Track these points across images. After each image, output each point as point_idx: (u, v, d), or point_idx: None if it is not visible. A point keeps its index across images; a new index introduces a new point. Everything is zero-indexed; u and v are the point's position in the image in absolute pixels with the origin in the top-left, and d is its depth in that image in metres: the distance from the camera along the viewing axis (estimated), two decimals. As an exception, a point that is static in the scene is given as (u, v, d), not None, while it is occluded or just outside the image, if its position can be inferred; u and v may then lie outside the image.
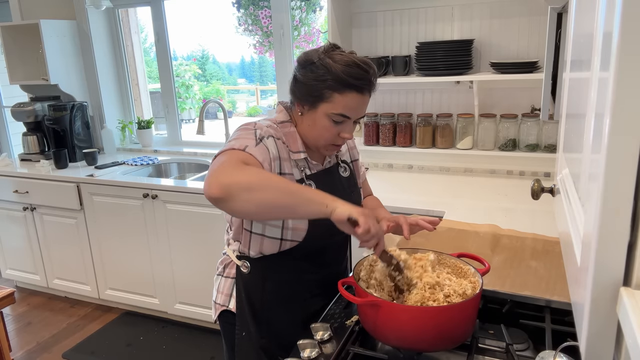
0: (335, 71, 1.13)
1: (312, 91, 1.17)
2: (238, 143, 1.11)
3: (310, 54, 1.20)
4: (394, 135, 2.60)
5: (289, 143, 1.23)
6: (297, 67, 1.22)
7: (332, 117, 1.17)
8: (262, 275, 1.27)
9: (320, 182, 1.26)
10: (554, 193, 0.91)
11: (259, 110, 8.71)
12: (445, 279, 1.12)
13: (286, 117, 1.27)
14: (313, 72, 1.16)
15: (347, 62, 1.14)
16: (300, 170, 1.24)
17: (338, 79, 1.13)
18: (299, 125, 1.25)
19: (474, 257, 1.23)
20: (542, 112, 1.52)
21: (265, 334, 1.28)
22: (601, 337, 0.51)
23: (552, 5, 1.36)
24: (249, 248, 1.26)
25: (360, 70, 1.14)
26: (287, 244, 1.24)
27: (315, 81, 1.15)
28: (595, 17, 0.57)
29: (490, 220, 1.87)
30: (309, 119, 1.21)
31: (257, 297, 1.28)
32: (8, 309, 3.19)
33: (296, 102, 1.23)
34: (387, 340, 1.08)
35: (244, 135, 1.15)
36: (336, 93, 1.14)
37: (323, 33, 3.99)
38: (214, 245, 2.62)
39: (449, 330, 1.02)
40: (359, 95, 1.16)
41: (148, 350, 2.74)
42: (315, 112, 1.18)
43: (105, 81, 3.53)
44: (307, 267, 1.29)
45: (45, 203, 3.08)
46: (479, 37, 2.40)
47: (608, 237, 0.47)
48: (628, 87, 0.43)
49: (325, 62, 1.15)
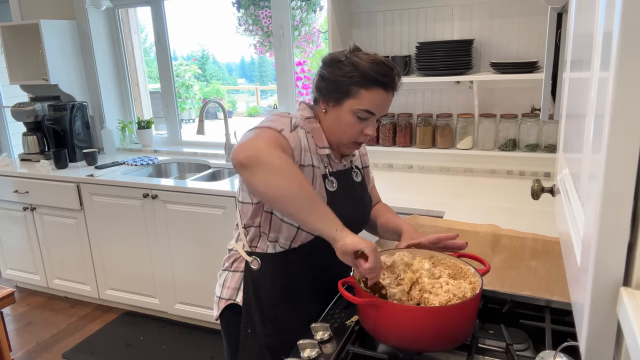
0: (363, 68, 1.18)
1: (339, 87, 1.20)
2: (275, 124, 1.15)
3: (336, 54, 1.25)
4: (394, 135, 2.60)
5: (316, 138, 1.26)
6: (322, 66, 1.26)
7: (358, 113, 1.21)
8: (272, 272, 1.27)
9: (340, 180, 1.29)
10: (554, 193, 0.91)
11: (259, 110, 8.71)
12: (443, 283, 1.11)
13: (311, 114, 1.29)
14: (340, 69, 1.20)
15: (374, 60, 1.19)
16: (324, 166, 1.27)
17: (365, 75, 1.18)
18: (322, 122, 1.28)
19: (474, 257, 1.23)
20: (542, 112, 1.52)
21: (271, 331, 1.28)
22: (601, 337, 0.51)
23: (552, 5, 1.36)
24: (269, 230, 1.25)
25: (386, 68, 1.20)
26: (303, 235, 1.24)
27: (343, 77, 1.19)
28: (595, 17, 0.57)
29: (490, 220, 1.87)
30: (334, 116, 1.24)
31: (266, 294, 1.28)
32: (8, 309, 3.19)
33: (321, 99, 1.26)
34: (387, 340, 1.08)
35: (280, 120, 1.19)
36: (363, 89, 1.19)
37: (323, 33, 3.99)
38: (214, 245, 2.62)
39: (449, 330, 1.02)
40: (384, 92, 1.21)
41: (148, 350, 2.74)
42: (341, 108, 1.22)
43: (105, 81, 3.53)
44: (317, 267, 1.29)
45: (45, 203, 3.08)
46: (479, 37, 2.40)
47: (608, 237, 0.47)
48: (628, 87, 0.43)
49: (353, 60, 1.19)
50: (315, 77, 1.28)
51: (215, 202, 2.55)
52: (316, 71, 1.29)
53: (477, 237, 1.71)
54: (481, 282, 1.09)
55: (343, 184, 1.30)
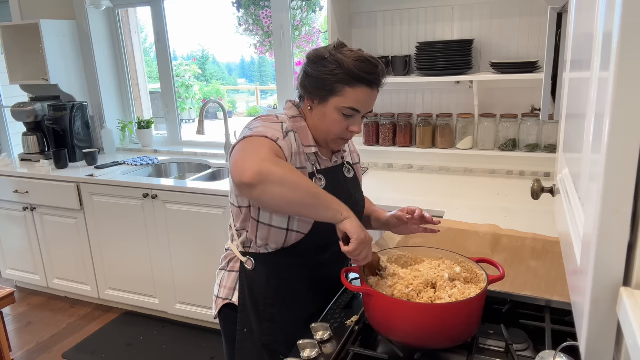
0: (347, 66, 1.17)
1: (323, 85, 1.20)
2: (270, 132, 1.13)
3: (321, 50, 1.23)
4: (394, 135, 2.60)
5: (302, 137, 1.25)
6: (307, 62, 1.25)
7: (343, 110, 1.20)
8: (267, 271, 1.28)
9: (329, 178, 1.29)
10: (554, 193, 0.91)
11: (259, 110, 8.72)
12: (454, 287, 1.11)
13: (296, 113, 1.29)
14: (325, 67, 1.19)
15: (359, 58, 1.19)
16: (311, 165, 1.27)
17: (350, 73, 1.17)
18: (308, 119, 1.27)
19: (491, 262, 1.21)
20: (542, 112, 1.52)
21: (268, 331, 1.28)
22: (601, 337, 0.51)
23: (552, 5, 1.36)
24: (256, 237, 1.26)
25: (371, 65, 1.19)
26: (293, 236, 1.24)
27: (327, 75, 1.19)
28: (595, 17, 0.57)
29: (490, 220, 1.87)
30: (319, 113, 1.24)
31: (261, 294, 1.28)
32: (8, 309, 3.19)
33: (306, 97, 1.26)
34: (389, 333, 1.08)
35: (271, 126, 1.17)
36: (347, 87, 1.18)
37: (323, 33, 4.00)
38: (214, 245, 2.62)
39: (450, 327, 1.02)
40: (369, 89, 1.20)
41: (148, 350, 2.74)
42: (326, 106, 1.22)
43: (105, 81, 3.53)
44: (311, 265, 1.30)
45: (45, 203, 3.08)
46: (479, 37, 2.40)
47: (608, 237, 0.47)
48: (628, 87, 0.43)
49: (337, 57, 1.18)
50: (300, 73, 1.27)
51: (215, 202, 2.55)
52: (301, 68, 1.28)
53: (477, 237, 1.71)
54: (486, 282, 1.09)
55: (331, 181, 1.29)
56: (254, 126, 1.17)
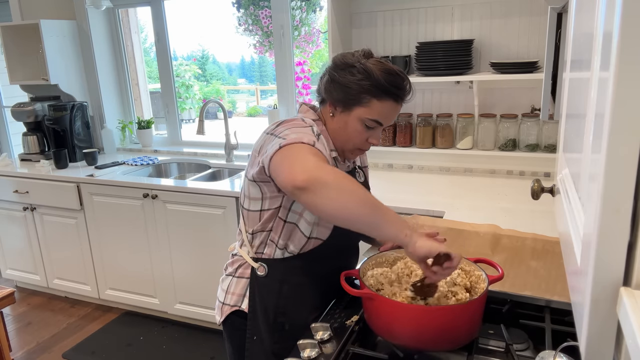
0: (377, 77, 1.14)
1: (349, 94, 1.17)
2: (305, 138, 1.07)
3: (348, 56, 1.20)
4: (394, 135, 2.60)
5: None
6: (333, 67, 1.21)
7: (366, 121, 1.18)
8: (280, 278, 1.25)
9: None
10: (554, 193, 0.91)
11: (259, 110, 8.72)
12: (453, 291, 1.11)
13: (315, 117, 1.26)
14: (353, 75, 1.16)
15: (388, 70, 1.16)
16: None
17: (378, 85, 1.14)
18: (327, 124, 1.25)
19: (490, 262, 1.21)
20: (542, 112, 1.52)
21: (278, 339, 1.26)
22: (601, 337, 0.51)
23: (552, 5, 1.36)
24: (279, 236, 1.23)
25: (399, 80, 1.16)
26: (312, 243, 1.23)
27: (355, 84, 1.16)
28: (595, 17, 0.57)
29: (490, 220, 1.87)
30: (341, 121, 1.21)
31: (272, 301, 1.25)
32: (8, 309, 3.19)
33: (329, 102, 1.23)
34: (389, 336, 1.08)
35: (303, 130, 1.13)
36: (374, 99, 1.16)
37: (323, 33, 3.99)
38: (214, 245, 2.62)
39: (451, 330, 1.02)
40: (395, 103, 1.18)
41: (148, 350, 2.74)
42: (349, 114, 1.19)
43: (105, 81, 3.53)
44: (324, 271, 1.28)
45: (45, 203, 3.08)
46: (479, 37, 2.40)
47: (608, 237, 0.47)
48: (628, 87, 0.43)
49: (367, 67, 1.15)
50: (324, 76, 1.23)
51: (215, 202, 2.55)
52: (325, 70, 1.24)
53: (477, 237, 1.71)
54: (487, 284, 1.09)
55: None
56: (284, 133, 1.11)
